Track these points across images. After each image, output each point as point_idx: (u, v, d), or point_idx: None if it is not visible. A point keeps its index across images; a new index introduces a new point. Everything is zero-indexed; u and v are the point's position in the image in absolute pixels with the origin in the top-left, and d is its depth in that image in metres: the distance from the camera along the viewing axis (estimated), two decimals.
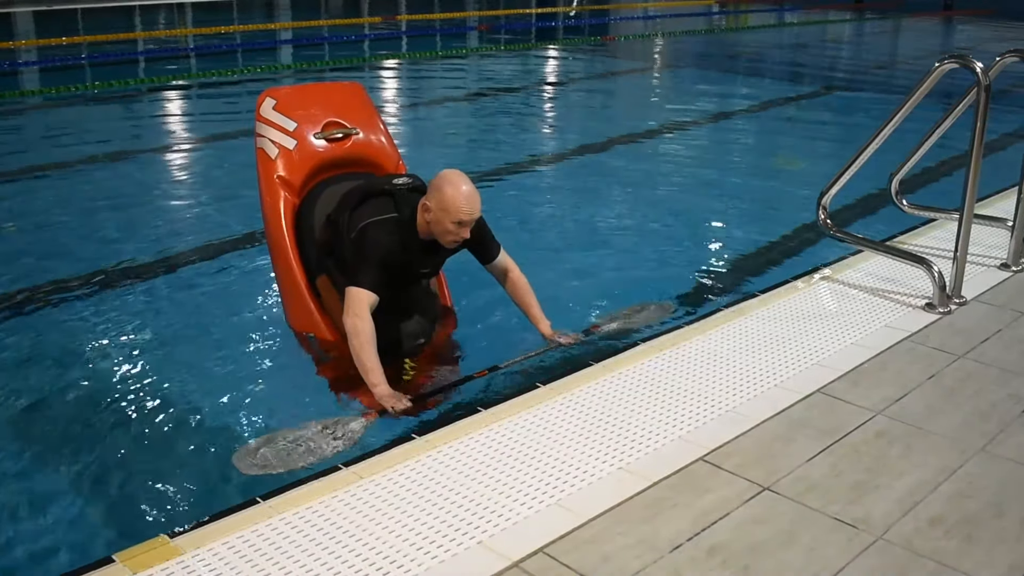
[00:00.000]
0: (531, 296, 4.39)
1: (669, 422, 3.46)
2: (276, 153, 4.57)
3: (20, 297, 5.35)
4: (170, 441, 3.87)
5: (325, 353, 4.36)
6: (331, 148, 4.69)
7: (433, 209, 3.93)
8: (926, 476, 3.17)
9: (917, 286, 4.84)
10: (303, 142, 4.62)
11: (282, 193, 4.53)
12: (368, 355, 3.83)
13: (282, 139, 4.58)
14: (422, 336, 4.33)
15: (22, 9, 20.50)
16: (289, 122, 4.61)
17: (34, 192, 7.62)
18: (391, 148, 4.88)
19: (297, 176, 4.57)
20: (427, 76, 14.78)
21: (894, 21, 25.66)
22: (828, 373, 3.90)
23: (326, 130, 4.69)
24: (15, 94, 12.15)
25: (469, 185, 3.94)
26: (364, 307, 3.87)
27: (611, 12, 26.84)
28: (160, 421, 4.00)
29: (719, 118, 11.43)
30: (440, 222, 3.94)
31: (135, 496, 3.54)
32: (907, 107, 4.71)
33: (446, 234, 3.97)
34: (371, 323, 3.86)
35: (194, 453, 3.80)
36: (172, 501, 3.51)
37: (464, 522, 2.84)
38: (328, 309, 4.36)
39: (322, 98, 4.89)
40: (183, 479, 3.63)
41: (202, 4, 23.79)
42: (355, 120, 4.80)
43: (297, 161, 4.58)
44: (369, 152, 4.79)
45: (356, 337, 3.84)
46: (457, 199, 3.88)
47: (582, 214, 7.18)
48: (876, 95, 13.16)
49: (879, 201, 6.63)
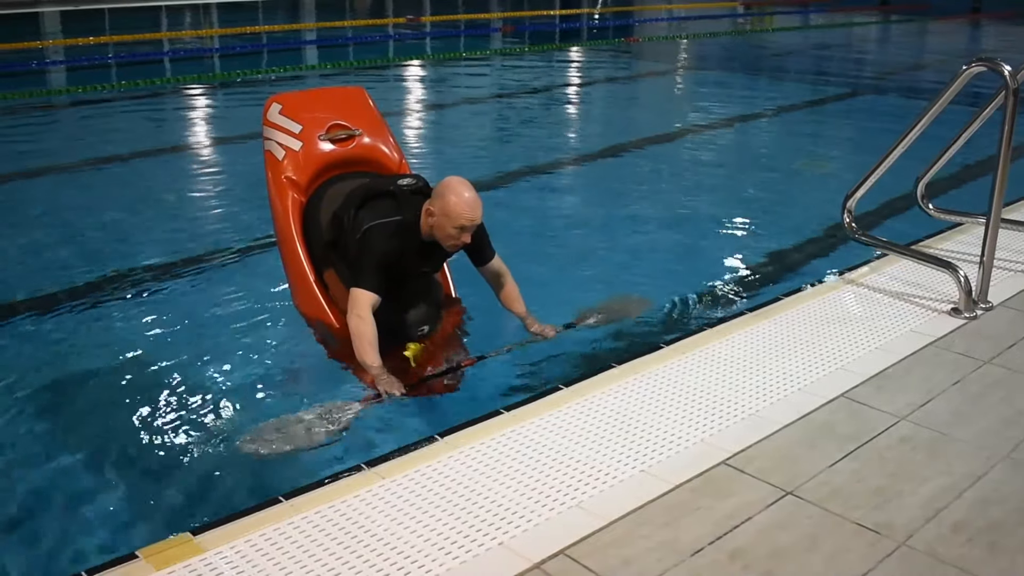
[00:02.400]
0: (519, 300, 4.57)
1: (691, 425, 3.45)
2: (283, 155, 4.74)
3: (48, 294, 5.39)
4: (193, 438, 3.89)
5: (332, 339, 4.52)
6: (336, 149, 4.85)
7: (437, 214, 4.10)
8: (950, 482, 3.14)
9: (943, 290, 4.81)
10: (309, 144, 4.78)
11: (290, 193, 4.69)
12: (369, 353, 4.04)
13: (288, 141, 4.76)
14: (425, 323, 4.47)
15: (49, 9, 20.66)
16: (295, 125, 4.79)
17: (60, 189, 7.68)
18: (394, 149, 5.04)
19: (303, 176, 4.74)
20: (450, 77, 14.79)
21: (920, 23, 25.48)
22: (852, 378, 3.88)
23: (331, 132, 4.85)
24: (43, 93, 12.25)
25: (472, 192, 4.10)
26: (366, 307, 4.07)
27: (635, 14, 26.80)
28: (182, 418, 4.03)
29: (744, 120, 11.39)
30: (443, 227, 4.10)
31: (158, 493, 3.56)
32: (934, 110, 4.67)
33: (448, 238, 4.14)
34: (373, 323, 4.06)
35: (217, 451, 3.82)
36: (195, 499, 3.53)
37: (485, 523, 2.85)
38: (335, 299, 4.52)
39: (326, 102, 5.10)
40: (206, 477, 3.66)
41: (226, 4, 23.91)
42: (359, 122, 4.96)
43: (303, 162, 4.75)
44: (373, 153, 4.95)
45: (359, 337, 4.06)
46: (460, 206, 4.04)
47: (604, 216, 7.17)
48: (902, 98, 13.08)
49: (905, 204, 6.58)
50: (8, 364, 4.53)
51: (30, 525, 3.38)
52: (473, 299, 4.80)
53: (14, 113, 10.92)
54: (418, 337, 4.40)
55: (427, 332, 4.46)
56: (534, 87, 13.77)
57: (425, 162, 7.92)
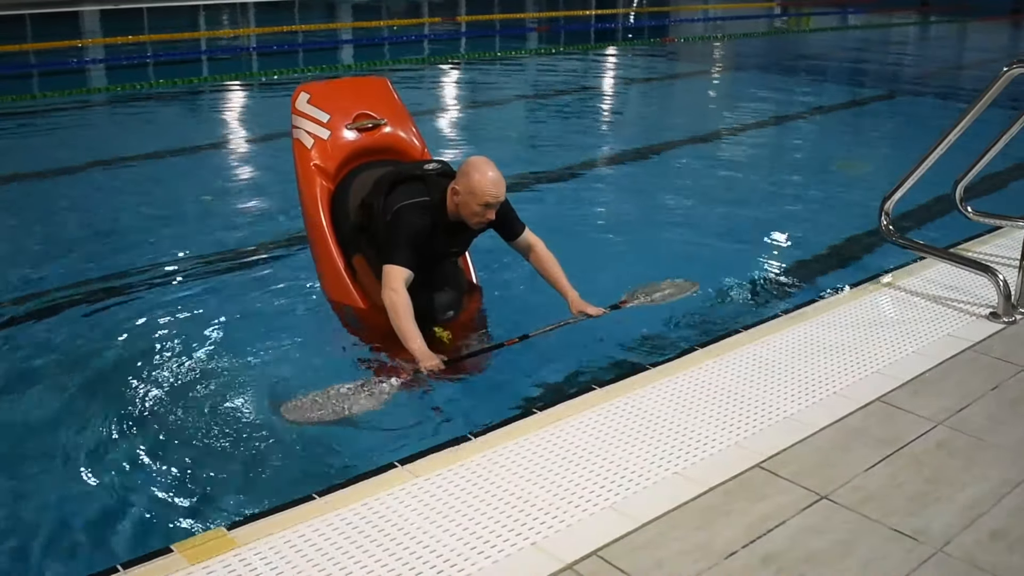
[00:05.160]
0: (558, 268, 4.60)
1: (726, 428, 3.44)
2: (311, 143, 4.88)
3: (86, 287, 5.45)
4: (228, 434, 3.92)
5: (360, 322, 4.65)
6: (362, 138, 5.00)
7: (461, 192, 4.22)
8: (988, 488, 3.11)
9: (981, 295, 4.75)
10: (336, 132, 4.93)
11: (318, 180, 4.83)
12: (406, 323, 4.11)
13: (317, 130, 4.90)
14: (452, 308, 4.59)
15: (89, 8, 20.90)
16: (323, 114, 4.93)
17: (97, 185, 7.77)
18: (417, 137, 5.18)
19: (331, 164, 4.88)
20: (485, 77, 14.80)
21: (960, 24, 25.20)
22: (888, 382, 3.85)
23: (357, 121, 4.99)
24: (82, 91, 12.39)
25: (495, 171, 4.21)
26: (400, 281, 4.16)
27: (671, 14, 26.70)
28: (218, 412, 4.05)
29: (780, 121, 11.32)
30: (468, 205, 4.22)
31: (193, 488, 3.59)
32: (974, 112, 4.61)
33: (473, 216, 4.25)
34: (407, 295, 4.15)
35: (252, 446, 3.84)
36: (229, 494, 3.55)
37: (518, 523, 2.85)
38: (363, 284, 4.64)
39: (353, 92, 5.25)
40: (240, 472, 3.68)
41: (264, 4, 24.08)
42: (384, 112, 5.11)
43: (331, 150, 4.90)
44: (397, 141, 5.09)
45: (394, 308, 4.13)
46: (484, 183, 4.16)
47: (638, 217, 7.15)
48: (941, 100, 12.95)
49: (943, 207, 6.51)
50: (49, 355, 4.59)
51: (67, 519, 3.41)
52: (498, 285, 4.89)
53: (55, 111, 11.06)
54: (445, 321, 4.51)
55: (453, 317, 4.57)
56: (569, 87, 13.76)
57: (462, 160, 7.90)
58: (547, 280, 4.62)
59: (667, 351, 4.32)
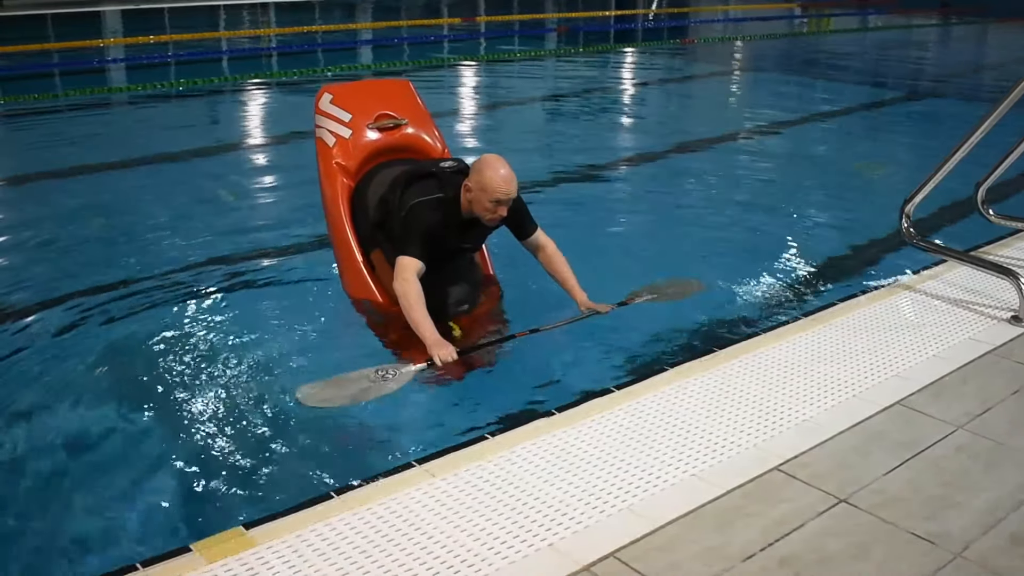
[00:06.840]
0: (567, 269, 4.64)
1: (743, 430, 3.43)
2: (333, 142, 5.01)
3: (107, 285, 5.48)
4: (247, 433, 3.93)
5: (378, 316, 4.72)
6: (383, 137, 5.11)
7: (474, 189, 4.26)
8: (1007, 493, 3.09)
9: (1002, 298, 4.73)
10: (358, 132, 5.05)
11: (339, 177, 4.95)
12: (417, 312, 4.17)
13: (339, 129, 5.03)
14: (466, 302, 4.65)
15: (111, 8, 21.02)
16: (345, 114, 5.06)
17: (119, 185, 7.81)
18: (438, 139, 5.28)
19: (352, 162, 5.00)
20: (505, 78, 14.80)
21: (981, 25, 25.03)
22: (908, 385, 3.83)
23: (378, 121, 5.11)
24: (103, 90, 12.46)
25: (507, 168, 4.25)
26: (411, 272, 4.23)
27: (690, 15, 26.63)
28: (235, 411, 4.06)
29: (800, 122, 11.26)
30: (480, 201, 4.26)
31: (212, 487, 3.60)
32: (996, 115, 4.59)
33: (486, 212, 4.29)
34: (418, 285, 4.21)
35: (271, 447, 3.85)
36: (248, 493, 3.56)
37: (535, 524, 2.85)
38: (382, 280, 4.71)
39: (374, 93, 5.37)
40: (257, 471, 3.69)
41: (284, 4, 24.16)
42: (404, 112, 5.22)
43: (352, 149, 5.02)
44: (418, 141, 5.19)
45: (405, 298, 4.19)
46: (496, 180, 4.20)
47: (657, 218, 7.13)
48: (962, 101, 12.85)
49: (964, 210, 6.47)
50: (70, 353, 4.62)
51: (85, 517, 3.43)
52: (513, 281, 4.89)
53: (76, 109, 11.13)
54: (459, 314, 4.56)
55: (467, 310, 4.64)
56: (588, 88, 13.74)
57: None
58: (556, 280, 4.67)
59: (686, 353, 4.31)
